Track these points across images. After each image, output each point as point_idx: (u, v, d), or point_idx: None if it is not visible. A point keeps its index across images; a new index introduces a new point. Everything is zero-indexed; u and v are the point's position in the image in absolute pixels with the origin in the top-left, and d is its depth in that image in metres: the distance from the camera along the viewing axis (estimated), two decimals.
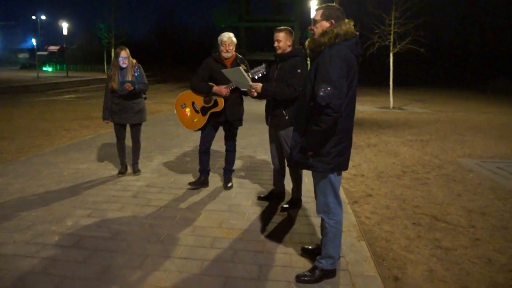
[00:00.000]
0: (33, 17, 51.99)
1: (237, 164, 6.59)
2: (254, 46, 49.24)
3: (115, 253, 3.46)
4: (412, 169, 6.57)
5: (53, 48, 59.55)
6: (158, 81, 38.95)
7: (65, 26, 31.89)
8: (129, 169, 6.01)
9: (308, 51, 3.00)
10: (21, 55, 65.54)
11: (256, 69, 4.50)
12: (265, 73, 4.52)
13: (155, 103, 17.52)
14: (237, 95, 4.92)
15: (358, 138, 9.35)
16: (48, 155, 7.18)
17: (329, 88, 2.65)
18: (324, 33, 2.85)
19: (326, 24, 2.89)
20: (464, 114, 15.28)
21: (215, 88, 4.81)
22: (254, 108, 10.85)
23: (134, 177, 5.79)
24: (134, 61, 5.51)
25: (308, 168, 2.95)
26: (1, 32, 65.93)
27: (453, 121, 13.09)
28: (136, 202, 4.74)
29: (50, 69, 51.15)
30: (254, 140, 8.56)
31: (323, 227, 3.08)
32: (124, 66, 5.40)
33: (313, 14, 3.11)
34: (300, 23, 38.43)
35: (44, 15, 50.97)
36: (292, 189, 4.69)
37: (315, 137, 2.77)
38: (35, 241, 3.66)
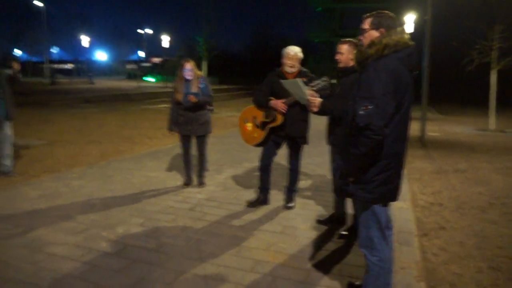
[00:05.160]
0: (140, 31, 56.21)
1: (306, 183, 6.33)
2: None
3: (153, 266, 3.41)
4: (502, 201, 5.75)
5: (156, 59, 63.85)
6: (251, 94, 39.69)
7: (165, 39, 34.06)
8: (195, 181, 6.01)
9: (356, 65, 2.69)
10: (128, 66, 71.55)
11: (315, 81, 4.22)
12: (325, 86, 4.22)
13: None
14: (299, 111, 4.67)
15: (446, 162, 8.53)
16: (126, 161, 7.51)
17: (370, 107, 2.32)
18: (371, 43, 2.52)
19: (375, 34, 2.57)
20: None
21: (272, 102, 4.64)
22: None
23: (197, 189, 5.78)
24: (200, 73, 5.54)
25: (349, 196, 2.62)
26: (113, 45, 72.49)
27: None
28: (190, 215, 4.69)
29: (151, 79, 54.80)
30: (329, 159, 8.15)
31: (366, 263, 2.72)
32: (189, 78, 5.44)
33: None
34: None
35: (150, 29, 54.81)
36: (354, 215, 4.30)
37: (354, 162, 2.45)
38: (84, 245, 3.76)
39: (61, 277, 3.18)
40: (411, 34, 2.59)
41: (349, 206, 4.47)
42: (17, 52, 63.14)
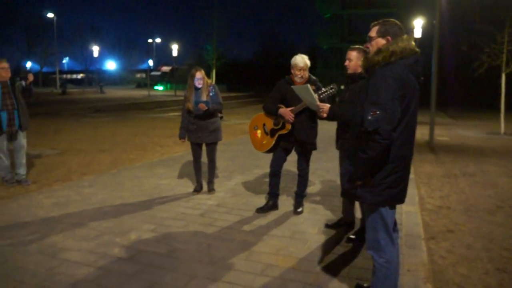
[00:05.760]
0: (149, 40, 56.88)
1: (315, 188, 6.39)
2: None
3: (165, 270, 3.48)
4: (510, 204, 5.76)
5: (165, 68, 64.48)
6: (260, 101, 39.91)
7: (174, 48, 34.47)
8: (205, 188, 6.09)
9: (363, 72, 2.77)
10: (138, 75, 72.56)
11: (324, 89, 4.32)
12: (334, 93, 4.32)
13: None
14: (308, 117, 4.75)
15: (454, 166, 8.54)
16: (136, 169, 7.62)
17: (378, 112, 2.40)
18: (378, 51, 2.60)
19: (381, 42, 2.65)
20: None
21: (281, 110, 4.72)
22: None
23: (207, 195, 5.86)
24: (210, 81, 5.64)
25: (356, 199, 2.69)
26: (123, 54, 73.59)
27: None
28: (201, 221, 4.77)
29: (161, 88, 55.26)
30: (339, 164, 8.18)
31: (373, 265, 2.78)
32: (199, 86, 5.56)
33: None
34: None
35: (160, 38, 55.44)
36: (362, 219, 4.35)
37: (362, 165, 2.52)
38: (97, 251, 3.85)
39: (76, 282, 3.27)
40: (419, 39, 2.66)
41: (357, 210, 4.54)
42: (28, 63, 64.10)
